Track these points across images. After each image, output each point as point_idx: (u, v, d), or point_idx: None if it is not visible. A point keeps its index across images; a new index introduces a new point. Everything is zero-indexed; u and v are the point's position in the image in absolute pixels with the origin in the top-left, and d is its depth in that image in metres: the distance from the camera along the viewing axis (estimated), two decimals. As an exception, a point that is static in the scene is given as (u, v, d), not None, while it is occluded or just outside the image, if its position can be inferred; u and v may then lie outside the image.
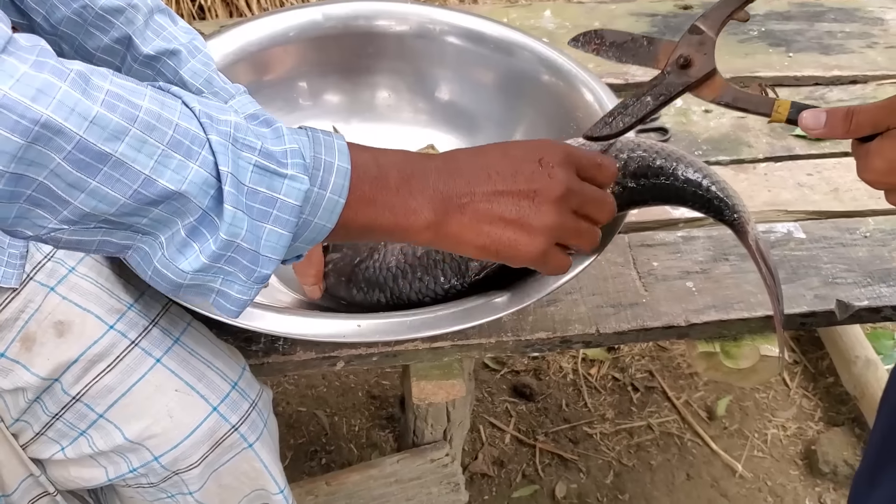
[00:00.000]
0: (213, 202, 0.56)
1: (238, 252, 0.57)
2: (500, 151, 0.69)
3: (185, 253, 0.57)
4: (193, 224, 0.56)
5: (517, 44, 1.12)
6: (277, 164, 0.58)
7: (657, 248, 1.08)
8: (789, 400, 1.77)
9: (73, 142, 0.50)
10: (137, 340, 0.82)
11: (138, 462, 0.82)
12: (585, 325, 0.98)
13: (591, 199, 0.71)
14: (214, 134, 0.55)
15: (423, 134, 1.15)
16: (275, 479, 0.88)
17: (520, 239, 0.68)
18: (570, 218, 0.70)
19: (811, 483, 1.62)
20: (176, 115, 0.54)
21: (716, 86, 0.78)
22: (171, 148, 0.53)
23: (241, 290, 0.60)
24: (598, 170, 0.73)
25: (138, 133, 0.52)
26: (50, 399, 0.81)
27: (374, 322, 0.81)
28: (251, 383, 0.87)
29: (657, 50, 0.81)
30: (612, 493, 1.59)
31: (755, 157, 1.23)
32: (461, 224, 0.67)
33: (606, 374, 1.81)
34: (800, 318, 1.00)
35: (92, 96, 0.51)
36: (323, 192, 0.60)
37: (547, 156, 0.69)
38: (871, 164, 0.70)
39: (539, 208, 0.67)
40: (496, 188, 0.67)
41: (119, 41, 0.85)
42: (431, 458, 1.16)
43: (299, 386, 1.77)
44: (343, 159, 0.61)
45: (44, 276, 0.82)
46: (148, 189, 0.53)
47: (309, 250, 0.65)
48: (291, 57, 1.13)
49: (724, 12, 0.77)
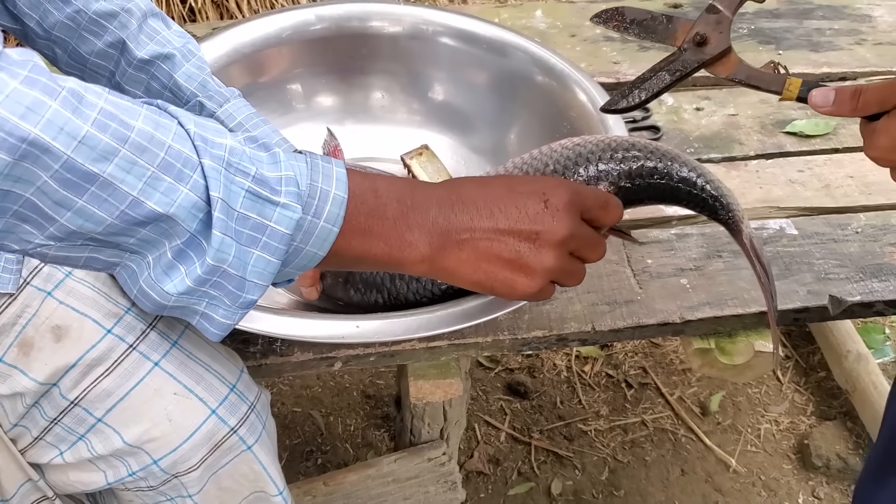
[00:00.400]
0: (202, 225, 0.55)
1: (224, 277, 0.57)
2: (506, 186, 0.68)
3: (171, 275, 0.56)
4: (181, 247, 0.56)
5: (510, 44, 1.13)
6: (270, 192, 0.57)
7: (651, 245, 1.09)
8: (781, 395, 1.78)
9: (60, 161, 0.49)
10: (135, 344, 0.82)
11: (137, 466, 0.82)
12: (581, 322, 0.99)
13: (588, 243, 0.70)
14: (208, 158, 0.55)
15: (417, 135, 1.16)
16: (274, 481, 0.88)
17: (517, 279, 0.67)
18: (568, 260, 0.69)
19: (804, 477, 1.63)
20: (169, 137, 0.53)
21: (730, 63, 0.79)
22: (162, 170, 0.53)
23: (226, 315, 0.59)
24: (602, 211, 0.71)
25: (128, 154, 0.51)
26: (48, 404, 0.81)
27: (373, 323, 0.82)
28: (249, 385, 0.87)
29: (675, 28, 0.82)
30: (607, 490, 1.60)
31: (746, 154, 1.24)
32: (458, 259, 0.66)
33: (600, 372, 1.82)
34: (793, 313, 1.01)
35: (83, 115, 0.50)
36: (316, 221, 0.59)
37: (553, 197, 0.67)
38: (877, 142, 0.71)
39: (539, 251, 0.66)
40: (498, 226, 0.66)
41: (113, 45, 0.85)
42: (429, 457, 1.16)
43: (294, 387, 1.77)
44: (340, 188, 0.60)
45: (41, 280, 0.82)
46: (135, 210, 0.53)
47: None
48: (285, 59, 1.13)
49: None
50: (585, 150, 0.88)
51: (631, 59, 1.40)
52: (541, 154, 0.90)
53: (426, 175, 1.12)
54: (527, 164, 0.90)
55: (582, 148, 0.88)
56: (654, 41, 0.85)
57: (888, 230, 1.11)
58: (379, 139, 1.12)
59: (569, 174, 0.86)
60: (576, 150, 0.88)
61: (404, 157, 1.13)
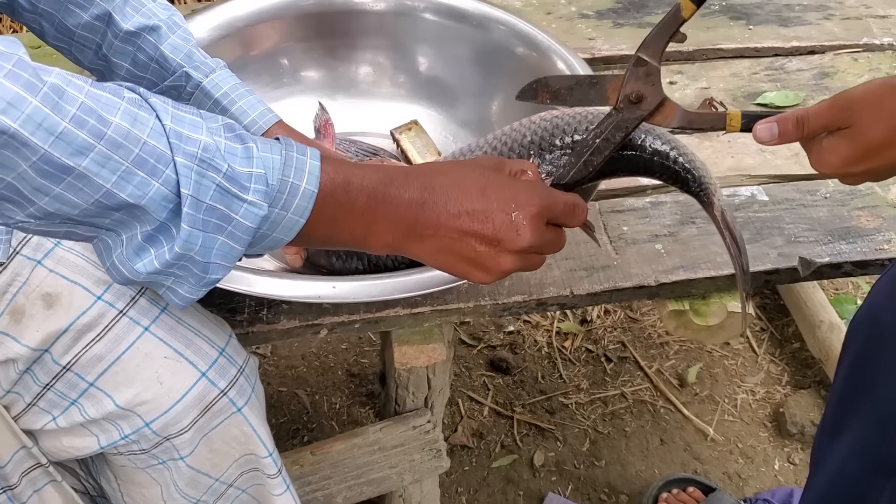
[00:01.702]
0: (171, 214, 0.59)
1: (190, 262, 0.61)
2: (480, 190, 0.69)
3: (141, 256, 0.60)
4: (151, 232, 0.60)
5: (492, 18, 1.15)
6: (240, 189, 0.60)
7: (627, 213, 1.12)
8: (757, 366, 1.82)
9: (38, 154, 0.53)
10: (125, 310, 0.83)
11: (130, 429, 0.84)
12: (560, 287, 1.01)
13: (548, 244, 0.73)
14: (181, 155, 0.58)
15: (404, 108, 1.18)
16: (263, 443, 0.90)
17: (473, 273, 0.71)
18: (524, 259, 0.71)
19: (780, 444, 1.67)
20: (146, 133, 0.57)
21: (669, 112, 0.80)
22: (136, 166, 0.57)
23: (190, 291, 0.64)
24: (570, 217, 0.74)
25: (104, 150, 0.55)
26: (40, 370, 0.83)
27: (349, 284, 0.84)
28: (238, 350, 0.89)
29: (605, 87, 0.83)
30: (588, 460, 1.63)
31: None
32: (420, 249, 0.70)
33: (580, 347, 1.85)
34: (765, 275, 1.05)
35: (63, 111, 0.53)
36: (284, 213, 0.63)
37: (522, 209, 0.69)
38: (826, 160, 0.76)
39: (498, 255, 0.69)
40: (463, 227, 0.68)
41: (99, 18, 0.87)
42: (414, 426, 1.19)
43: (279, 367, 1.79)
44: (312, 182, 0.63)
45: (30, 250, 0.83)
46: (109, 200, 0.57)
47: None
48: (275, 34, 1.15)
49: (663, 39, 0.79)
50: (562, 121, 0.90)
51: (605, 36, 1.43)
52: (521, 126, 0.92)
53: (415, 149, 1.14)
54: (506, 136, 0.92)
55: (559, 120, 0.90)
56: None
57: (855, 195, 1.14)
58: (368, 113, 1.15)
59: (545, 145, 0.89)
60: (553, 121, 0.90)
61: (394, 132, 1.16)
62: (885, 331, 0.95)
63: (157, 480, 0.89)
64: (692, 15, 0.79)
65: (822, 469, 1.09)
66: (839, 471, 1.05)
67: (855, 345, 1.01)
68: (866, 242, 1.07)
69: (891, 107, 0.72)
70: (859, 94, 0.74)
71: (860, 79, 1.37)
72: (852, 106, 0.74)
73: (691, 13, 0.79)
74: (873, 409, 0.99)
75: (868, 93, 0.74)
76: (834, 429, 1.06)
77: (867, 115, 0.73)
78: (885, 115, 0.72)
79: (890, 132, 0.72)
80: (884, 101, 0.72)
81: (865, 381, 1.00)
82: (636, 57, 0.80)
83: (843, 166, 0.76)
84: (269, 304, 0.98)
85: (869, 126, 0.73)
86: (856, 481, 1.02)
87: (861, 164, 0.75)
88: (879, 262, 1.06)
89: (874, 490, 1.00)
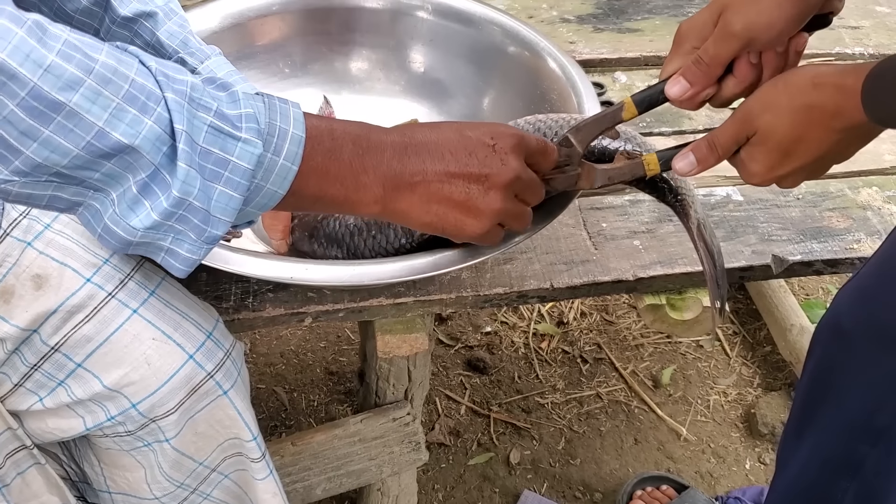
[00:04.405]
0: (166, 159, 0.57)
1: (189, 211, 0.59)
2: (457, 131, 0.71)
3: (137, 210, 0.58)
4: (145, 180, 0.57)
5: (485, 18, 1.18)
6: (232, 127, 0.59)
7: (606, 210, 1.15)
8: (729, 368, 1.85)
9: (27, 88, 0.51)
10: (114, 292, 0.84)
11: (116, 410, 0.85)
12: (540, 280, 1.04)
13: (530, 186, 0.74)
14: (170, 92, 0.57)
15: (400, 104, 1.20)
16: (248, 427, 0.91)
17: (466, 220, 0.71)
18: (513, 202, 0.73)
19: (751, 444, 1.70)
20: (132, 71, 0.55)
21: (589, 176, 0.82)
22: (127, 102, 0.55)
23: (191, 250, 0.61)
24: (543, 156, 0.76)
25: (93, 85, 0.53)
26: (29, 350, 0.84)
27: (321, 268, 0.86)
28: (225, 334, 0.90)
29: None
30: (563, 459, 1.66)
31: (695, 128, 1.31)
32: (410, 201, 0.69)
33: (556, 348, 1.87)
34: (739, 271, 1.08)
35: (48, 45, 0.52)
36: (276, 159, 0.62)
37: (500, 141, 0.71)
38: (750, 170, 0.77)
39: (488, 193, 0.70)
40: (449, 169, 0.69)
41: (97, 3, 0.88)
42: (393, 417, 1.20)
43: (258, 364, 1.80)
44: (298, 127, 0.63)
45: (20, 232, 0.84)
46: (101, 141, 0.54)
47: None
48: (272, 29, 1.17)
49: (595, 130, 0.82)
50: (544, 125, 0.93)
51: (586, 40, 1.46)
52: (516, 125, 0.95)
53: None
54: None
55: (542, 123, 0.93)
56: None
57: (826, 197, 1.18)
58: (366, 109, 1.16)
59: None
60: (536, 125, 0.93)
61: None
62: (846, 337, 0.97)
63: (141, 463, 0.90)
64: (631, 119, 0.82)
65: (786, 470, 1.12)
66: (803, 472, 1.07)
67: (818, 350, 1.04)
68: (837, 242, 1.10)
69: (785, 104, 0.72)
70: (754, 101, 0.75)
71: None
72: (751, 112, 0.74)
73: (631, 117, 0.82)
74: (835, 413, 1.01)
75: (761, 96, 0.74)
76: (798, 431, 1.08)
77: (767, 117, 0.73)
78: (782, 113, 0.72)
79: (794, 127, 0.72)
80: (777, 101, 0.73)
81: (827, 386, 1.02)
82: (564, 136, 0.82)
83: (768, 172, 0.76)
84: (254, 292, 0.99)
85: (772, 127, 0.73)
86: (818, 482, 1.05)
87: (785, 165, 0.75)
88: (849, 260, 1.09)
89: (837, 491, 1.02)
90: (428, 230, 0.73)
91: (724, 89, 0.79)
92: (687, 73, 0.78)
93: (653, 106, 0.82)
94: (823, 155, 0.74)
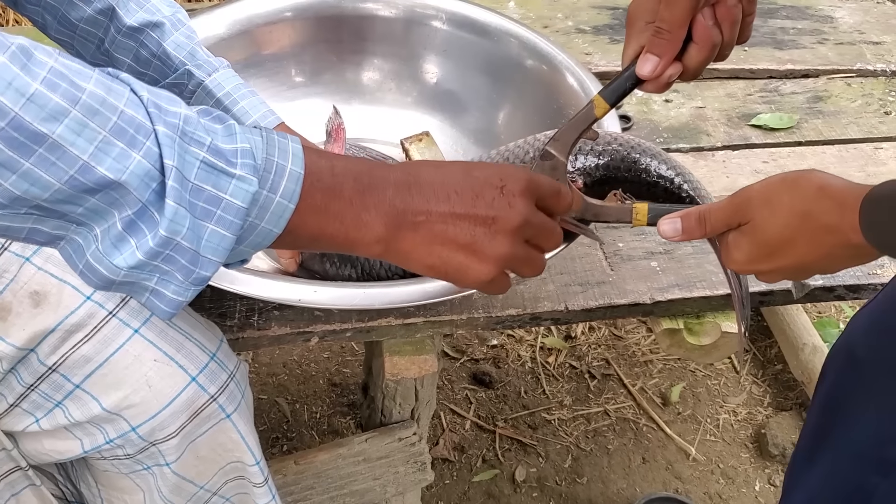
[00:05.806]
0: (155, 196, 0.53)
1: (177, 251, 0.55)
2: (464, 171, 0.67)
3: (121, 248, 0.54)
4: (131, 217, 0.54)
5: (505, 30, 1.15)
6: (226, 163, 0.56)
7: (622, 229, 1.12)
8: (740, 386, 1.82)
9: (7, 118, 0.47)
10: (115, 311, 0.82)
11: (115, 433, 0.82)
12: (554, 302, 1.01)
13: (543, 230, 0.70)
14: (162, 125, 0.53)
15: (413, 117, 1.17)
16: (251, 451, 0.89)
17: (470, 265, 0.67)
18: (522, 248, 0.69)
19: (761, 465, 1.67)
20: (122, 102, 0.52)
21: (575, 202, 0.78)
22: (114, 135, 0.51)
23: (177, 291, 0.57)
24: (556, 199, 0.72)
25: (79, 116, 0.50)
26: (25, 370, 0.81)
27: (331, 290, 0.83)
28: (229, 355, 0.87)
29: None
30: (570, 477, 1.63)
31: (714, 145, 1.28)
32: (413, 242, 0.65)
33: (564, 362, 1.84)
34: (759, 296, 1.04)
35: (32, 73, 0.48)
36: (272, 196, 0.58)
37: (510, 183, 0.67)
38: (732, 256, 0.75)
39: (494, 237, 0.66)
40: (454, 210, 0.65)
41: (102, 12, 0.85)
42: (399, 437, 1.17)
43: (260, 374, 1.77)
44: (297, 164, 0.59)
45: (18, 246, 0.81)
46: (85, 176, 0.51)
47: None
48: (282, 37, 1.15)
49: (573, 136, 0.79)
50: (511, 153, 0.90)
51: (602, 51, 1.43)
52: (525, 143, 0.92)
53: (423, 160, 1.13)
54: (509, 152, 0.92)
55: (508, 152, 0.90)
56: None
57: (848, 219, 1.14)
58: (377, 120, 1.14)
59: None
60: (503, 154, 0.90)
61: (404, 142, 1.14)
62: (859, 364, 0.95)
63: (140, 486, 0.87)
64: (605, 115, 0.79)
65: (792, 498, 1.09)
66: (809, 501, 1.05)
67: (831, 375, 1.01)
68: (859, 267, 1.07)
69: (785, 204, 0.69)
70: (756, 191, 0.72)
71: (853, 104, 1.38)
72: (750, 202, 0.72)
73: (604, 113, 0.79)
74: (847, 441, 0.98)
75: (764, 189, 0.72)
76: (807, 458, 1.05)
77: (764, 212, 0.70)
78: (779, 212, 0.69)
79: (786, 229, 0.69)
80: (779, 198, 0.70)
81: (839, 413, 0.99)
82: (543, 150, 0.79)
83: (749, 263, 0.73)
84: (259, 310, 0.96)
85: (765, 223, 0.70)
86: (826, 512, 1.02)
87: (767, 262, 0.72)
88: (872, 286, 1.06)
89: None
90: (431, 274, 0.68)
91: (689, 60, 0.76)
92: (652, 47, 0.75)
93: (623, 97, 0.79)
94: (807, 264, 0.71)
